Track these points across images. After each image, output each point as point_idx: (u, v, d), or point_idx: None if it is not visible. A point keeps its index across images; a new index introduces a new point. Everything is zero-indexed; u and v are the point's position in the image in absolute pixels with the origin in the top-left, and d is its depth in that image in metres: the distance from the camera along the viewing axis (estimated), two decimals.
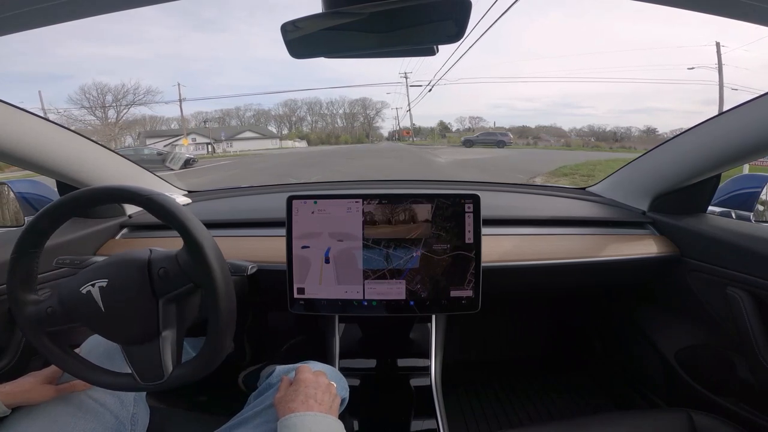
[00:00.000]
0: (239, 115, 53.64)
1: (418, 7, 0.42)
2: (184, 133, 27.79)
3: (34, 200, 1.00)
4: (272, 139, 39.77)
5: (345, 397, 0.72)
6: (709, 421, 0.66)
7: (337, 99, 64.78)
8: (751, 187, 0.92)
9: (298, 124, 56.62)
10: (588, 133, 42.41)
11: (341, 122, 58.65)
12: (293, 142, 43.70)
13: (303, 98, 60.06)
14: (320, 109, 58.28)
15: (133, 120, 33.45)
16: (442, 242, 0.74)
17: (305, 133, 51.94)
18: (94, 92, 30.99)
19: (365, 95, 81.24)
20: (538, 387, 1.27)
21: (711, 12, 0.43)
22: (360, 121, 59.47)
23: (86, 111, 31.10)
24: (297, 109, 57.27)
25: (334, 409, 0.57)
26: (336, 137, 51.84)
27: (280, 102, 63.55)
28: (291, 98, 58.70)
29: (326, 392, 0.57)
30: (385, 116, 60.37)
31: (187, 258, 0.53)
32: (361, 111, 59.79)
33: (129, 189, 0.53)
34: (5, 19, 0.37)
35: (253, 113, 54.33)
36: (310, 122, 57.74)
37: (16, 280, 0.55)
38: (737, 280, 0.76)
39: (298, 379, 0.58)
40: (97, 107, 30.97)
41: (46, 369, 0.63)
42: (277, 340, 1.30)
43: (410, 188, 1.30)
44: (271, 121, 55.01)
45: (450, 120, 65.84)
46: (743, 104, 0.69)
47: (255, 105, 57.42)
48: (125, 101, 31.04)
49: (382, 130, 58.16)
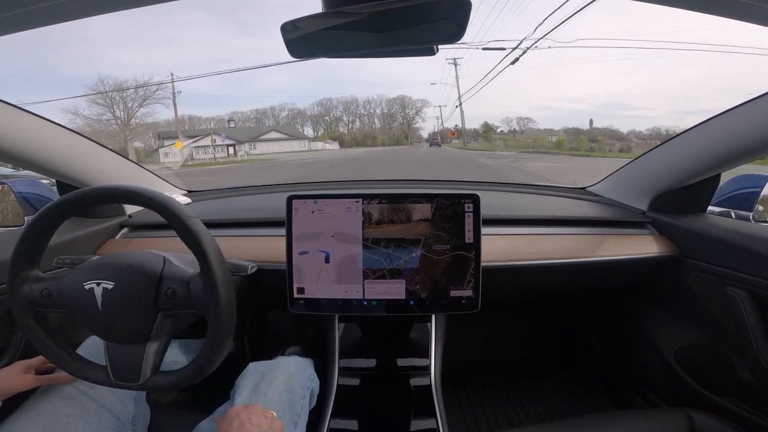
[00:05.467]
0: (274, 115, 52.03)
1: (418, 6, 0.42)
2: (178, 133, 26.70)
3: (34, 200, 1.00)
4: (300, 140, 36.90)
5: (314, 389, 0.75)
6: (709, 420, 0.66)
7: (374, 98, 61.57)
8: (750, 187, 0.92)
9: (333, 125, 54.32)
10: (650, 136, 37.65)
11: (378, 123, 55.71)
12: (323, 143, 40.62)
13: (339, 97, 58.35)
14: (357, 108, 55.66)
15: (153, 122, 32.29)
16: (441, 242, 0.74)
17: (338, 134, 49.11)
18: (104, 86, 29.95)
19: (404, 93, 76.76)
20: (538, 387, 1.27)
21: (711, 12, 0.43)
22: (399, 122, 55.99)
23: (103, 108, 30.12)
24: (332, 109, 55.07)
25: (276, 427, 0.57)
26: (373, 138, 49.27)
27: (315, 101, 61.63)
28: (327, 97, 57.45)
29: (261, 415, 0.57)
30: (425, 116, 56.39)
31: (199, 289, 0.53)
32: (399, 110, 56.32)
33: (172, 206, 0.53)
34: (5, 19, 0.37)
35: (287, 113, 52.79)
36: (346, 122, 55.44)
37: (21, 254, 0.55)
38: (737, 280, 0.76)
39: (228, 414, 0.57)
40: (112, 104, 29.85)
41: (32, 359, 0.63)
42: (277, 340, 1.30)
43: (410, 188, 1.30)
44: (307, 121, 53.31)
45: (494, 121, 60.73)
46: (743, 104, 0.69)
47: (290, 105, 56.60)
48: (137, 98, 29.95)
49: (421, 131, 54.20)
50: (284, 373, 0.70)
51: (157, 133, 33.01)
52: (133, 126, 30.37)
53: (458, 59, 33.79)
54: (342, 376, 0.81)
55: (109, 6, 0.41)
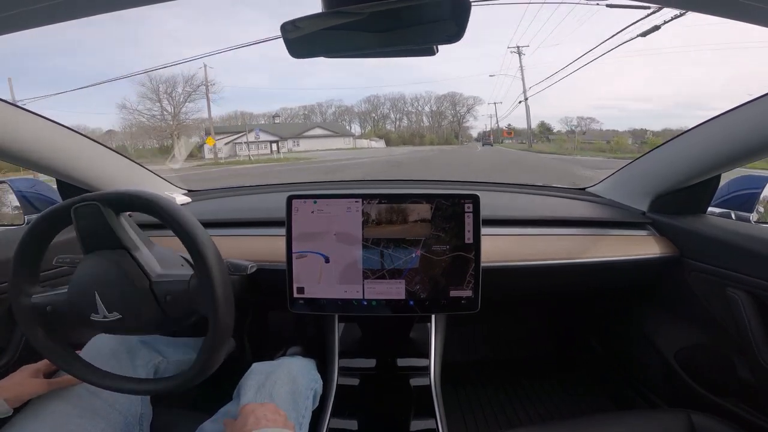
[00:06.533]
0: (321, 111, 50.78)
1: (417, 7, 0.42)
2: (211, 130, 25.38)
3: (34, 199, 1.00)
4: (345, 138, 34.96)
5: (317, 390, 0.75)
6: (708, 421, 0.66)
7: (422, 95, 57.30)
8: (750, 188, 0.92)
9: (380, 122, 52.52)
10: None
11: (427, 121, 52.80)
12: (369, 141, 38.70)
13: (386, 94, 55.18)
14: (404, 105, 53.25)
15: (198, 118, 31.47)
16: (441, 242, 0.74)
17: (385, 132, 47.00)
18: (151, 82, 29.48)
19: (455, 90, 73.71)
20: (538, 387, 1.27)
21: (711, 12, 0.43)
22: (448, 120, 52.96)
23: (152, 102, 29.88)
24: (380, 106, 53.30)
25: (290, 426, 0.57)
26: (420, 137, 46.91)
27: (362, 99, 59.66)
28: (374, 94, 54.69)
29: (275, 413, 0.57)
30: (477, 113, 52.72)
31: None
32: (449, 108, 53.37)
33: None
34: (5, 18, 0.37)
35: (334, 110, 51.43)
36: (393, 120, 53.36)
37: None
38: (737, 281, 0.76)
39: (243, 411, 0.57)
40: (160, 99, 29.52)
41: (38, 362, 0.63)
42: (277, 340, 1.30)
43: (410, 188, 1.30)
44: (354, 118, 51.70)
45: (551, 121, 55.75)
46: (744, 104, 0.69)
47: (337, 101, 54.86)
48: (182, 93, 29.48)
49: (471, 130, 50.83)
50: (288, 374, 0.70)
51: (204, 129, 32.46)
52: (182, 121, 30.22)
53: (523, 48, 27.74)
54: (342, 376, 0.81)
55: (109, 6, 0.41)
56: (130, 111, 31.56)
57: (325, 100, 56.69)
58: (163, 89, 29.67)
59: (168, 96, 29.76)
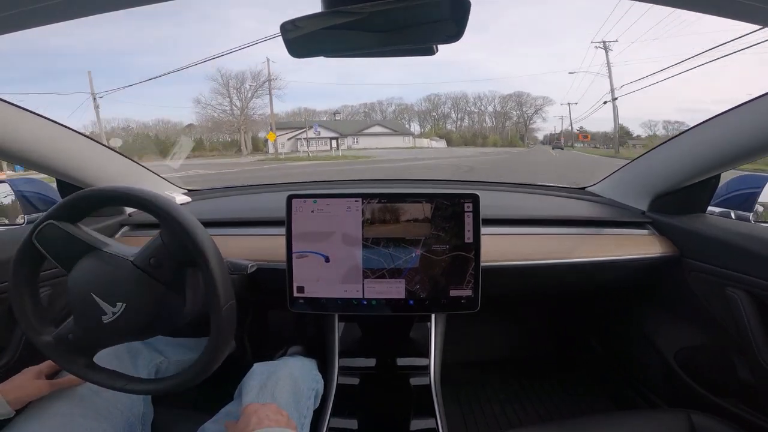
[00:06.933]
0: (381, 109, 49.25)
1: (417, 7, 0.42)
2: (272, 125, 25.06)
3: (34, 198, 1.00)
4: (405, 136, 33.80)
5: (318, 390, 0.75)
6: (708, 421, 0.66)
7: (486, 94, 53.75)
8: (750, 188, 0.92)
9: (441, 121, 49.56)
10: None
11: (490, 121, 49.22)
12: (429, 140, 36.71)
13: (447, 93, 52.61)
14: (466, 105, 50.10)
15: (264, 113, 31.40)
16: (441, 242, 0.74)
17: (446, 132, 44.41)
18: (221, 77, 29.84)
19: (522, 89, 68.32)
20: (538, 387, 1.27)
21: (711, 12, 0.43)
22: (513, 120, 49.15)
23: (222, 98, 30.33)
24: (440, 105, 50.38)
25: (292, 426, 0.57)
26: (483, 138, 43.95)
27: (422, 97, 56.98)
28: (434, 93, 52.19)
29: (278, 413, 0.57)
30: (546, 114, 48.07)
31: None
32: (515, 108, 49.42)
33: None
34: (5, 18, 0.37)
35: (394, 108, 49.59)
36: (454, 119, 50.25)
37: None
38: (736, 281, 0.76)
39: (246, 411, 0.57)
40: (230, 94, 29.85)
41: (41, 364, 0.63)
42: (278, 340, 1.30)
43: (410, 188, 1.30)
44: (414, 117, 49.40)
45: (630, 125, 50.60)
46: (743, 104, 0.69)
47: (397, 99, 52.35)
48: (249, 88, 29.83)
49: (537, 133, 46.96)
50: (290, 375, 0.71)
51: (269, 124, 32.68)
52: (249, 116, 30.60)
53: (610, 43, 23.71)
54: (342, 376, 0.81)
55: (108, 6, 0.41)
56: (203, 105, 32.42)
57: (386, 98, 54.39)
58: (233, 84, 30.24)
59: (237, 91, 30.34)
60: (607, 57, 22.94)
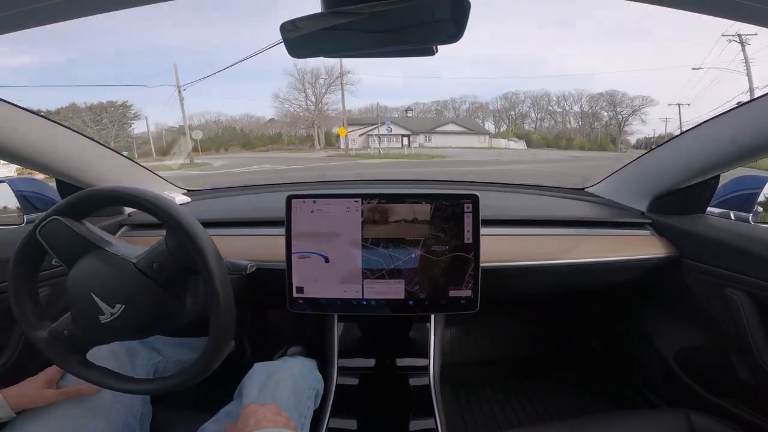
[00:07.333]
0: (455, 107, 46.09)
1: (417, 7, 0.42)
2: (344, 121, 24.55)
3: (34, 199, 1.00)
4: (480, 136, 31.79)
5: (319, 391, 0.76)
6: (708, 421, 0.66)
7: (571, 92, 48.01)
8: (750, 188, 0.92)
9: (518, 121, 45.16)
10: None
11: (575, 122, 43.95)
12: (507, 141, 33.97)
13: (526, 91, 47.79)
14: (548, 104, 45.21)
15: (337, 109, 30.86)
16: (441, 243, 0.74)
17: (524, 132, 40.80)
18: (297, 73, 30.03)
19: (615, 87, 61.39)
20: (538, 387, 1.27)
21: (711, 13, 0.43)
22: (603, 122, 43.92)
23: (297, 92, 30.76)
24: (519, 104, 45.62)
25: (291, 427, 0.57)
26: (568, 140, 40.27)
27: (499, 95, 52.96)
28: (512, 91, 47.48)
29: (277, 414, 0.57)
30: (646, 117, 41.10)
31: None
32: (606, 108, 43.80)
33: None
34: (5, 18, 0.37)
35: (468, 106, 46.00)
36: (534, 119, 45.34)
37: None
38: (736, 281, 0.76)
39: (244, 412, 0.57)
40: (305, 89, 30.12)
41: (47, 370, 0.62)
42: (277, 340, 1.30)
43: (410, 188, 1.30)
44: (489, 116, 45.28)
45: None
46: (743, 105, 0.69)
47: (470, 97, 48.50)
48: (323, 83, 29.70)
49: (630, 136, 41.26)
50: (291, 375, 0.71)
51: (341, 120, 31.69)
52: (323, 111, 30.71)
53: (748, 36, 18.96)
54: (341, 376, 0.81)
55: (108, 6, 0.41)
56: (281, 101, 33.01)
57: (459, 96, 51.48)
58: (308, 79, 30.28)
59: (311, 86, 30.46)
60: (744, 52, 19.39)
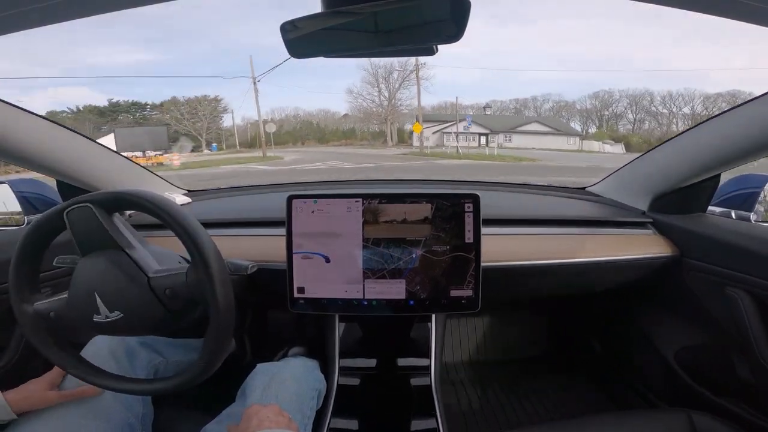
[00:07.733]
0: (536, 106, 43.01)
1: (417, 7, 0.42)
2: (419, 116, 22.96)
3: (35, 200, 1.00)
4: (569, 137, 29.10)
5: (321, 391, 0.76)
6: (709, 421, 0.66)
7: (681, 92, 41.27)
8: (751, 187, 0.92)
9: (611, 122, 40.90)
10: None
11: (682, 124, 38.97)
12: (601, 144, 30.31)
13: (623, 90, 41.97)
14: (650, 104, 40.11)
15: (411, 105, 30.57)
16: (441, 243, 0.74)
17: (621, 135, 36.12)
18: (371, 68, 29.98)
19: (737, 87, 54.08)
20: (538, 387, 1.26)
21: (711, 12, 0.43)
22: None
23: (370, 87, 30.83)
24: (612, 104, 41.06)
25: (293, 428, 0.57)
26: None
27: (589, 94, 47.88)
28: (605, 89, 42.96)
29: (279, 414, 0.57)
30: None
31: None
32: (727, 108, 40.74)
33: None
34: (5, 18, 0.37)
35: (551, 105, 42.57)
36: (631, 120, 40.74)
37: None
38: (737, 281, 0.76)
39: (247, 413, 0.57)
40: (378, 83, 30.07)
41: (49, 374, 0.62)
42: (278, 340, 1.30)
43: (410, 188, 1.30)
44: (575, 115, 41.55)
45: None
46: (743, 104, 0.69)
47: (554, 96, 44.37)
48: (397, 78, 29.55)
49: None
50: (293, 376, 0.71)
51: (415, 117, 29.99)
52: (396, 107, 30.71)
53: None
54: (342, 376, 0.81)
55: (109, 6, 0.41)
56: (355, 96, 32.99)
57: (541, 94, 47.03)
58: (381, 74, 30.23)
59: (385, 81, 30.41)
60: None
